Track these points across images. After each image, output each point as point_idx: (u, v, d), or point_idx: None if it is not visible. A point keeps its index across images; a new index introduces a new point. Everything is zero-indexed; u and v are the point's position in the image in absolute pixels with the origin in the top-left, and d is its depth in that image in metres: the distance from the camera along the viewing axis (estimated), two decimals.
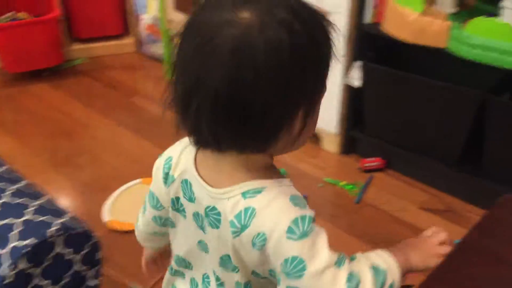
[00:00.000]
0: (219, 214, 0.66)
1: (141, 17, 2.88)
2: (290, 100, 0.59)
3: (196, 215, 0.70)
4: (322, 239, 0.62)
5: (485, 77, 1.60)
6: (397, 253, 0.69)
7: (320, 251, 0.61)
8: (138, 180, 1.87)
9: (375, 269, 0.64)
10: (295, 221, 0.61)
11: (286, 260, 0.61)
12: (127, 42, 3.02)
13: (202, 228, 0.70)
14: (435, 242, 0.72)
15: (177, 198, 0.72)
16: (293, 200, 0.63)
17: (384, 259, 0.66)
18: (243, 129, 0.59)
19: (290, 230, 0.60)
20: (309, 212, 0.63)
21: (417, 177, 1.89)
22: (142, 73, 2.88)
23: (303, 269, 0.60)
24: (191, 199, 0.70)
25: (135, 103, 2.51)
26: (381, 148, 1.96)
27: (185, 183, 0.70)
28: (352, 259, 0.66)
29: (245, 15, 0.57)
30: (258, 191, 0.63)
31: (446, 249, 0.71)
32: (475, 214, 1.69)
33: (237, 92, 0.57)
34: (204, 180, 0.67)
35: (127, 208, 1.75)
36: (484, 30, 1.46)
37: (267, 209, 0.62)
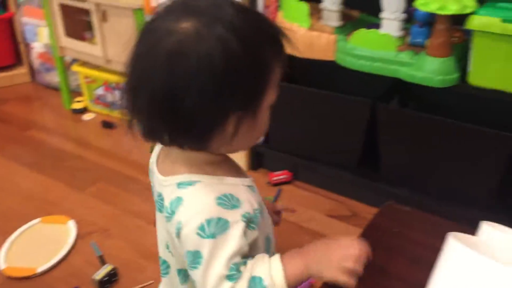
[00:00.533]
0: (162, 199, 0.72)
1: (32, 46, 2.74)
2: (220, 106, 0.64)
3: (156, 201, 0.77)
4: (227, 247, 0.66)
5: (376, 84, 1.68)
6: (296, 259, 0.69)
7: (219, 257, 0.66)
8: (37, 220, 1.75)
9: (253, 281, 0.67)
10: (209, 221, 0.65)
11: (189, 252, 0.67)
12: (20, 72, 2.86)
13: (158, 213, 0.77)
14: (345, 254, 0.68)
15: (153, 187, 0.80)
16: (220, 199, 0.67)
17: (271, 273, 0.67)
18: (177, 127, 0.65)
19: (201, 227, 0.65)
20: (230, 217, 0.67)
21: (322, 185, 1.94)
22: (39, 103, 2.73)
23: (200, 263, 0.66)
24: (153, 187, 0.79)
25: (32, 136, 2.37)
26: (287, 161, 1.99)
27: (151, 173, 0.79)
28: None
29: (186, 25, 0.63)
30: (190, 184, 0.69)
31: (352, 265, 0.67)
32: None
33: (169, 94, 0.62)
34: (157, 169, 0.75)
35: (26, 252, 1.63)
36: (367, 41, 1.54)
37: (191, 201, 0.68)
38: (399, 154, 1.70)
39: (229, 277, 0.66)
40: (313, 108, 1.80)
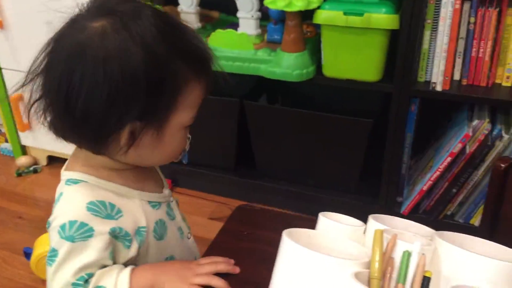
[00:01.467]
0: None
1: None
2: (112, 113, 0.61)
3: None
4: (83, 256, 0.65)
5: (245, 84, 1.70)
6: (148, 271, 0.69)
7: (71, 263, 0.65)
8: None
9: None
10: (72, 223, 0.65)
11: (51, 247, 0.66)
12: None
13: None
14: (196, 272, 0.70)
15: None
16: (93, 205, 0.66)
17: (117, 284, 0.66)
18: (71, 126, 0.64)
19: (63, 227, 0.65)
20: (98, 226, 0.65)
21: (204, 189, 1.93)
22: None
23: (54, 261, 0.65)
24: None
25: None
26: (165, 168, 1.94)
27: None
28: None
29: (97, 25, 0.61)
30: (75, 182, 0.69)
31: (201, 281, 0.69)
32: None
33: (65, 92, 0.60)
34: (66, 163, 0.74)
35: None
36: (225, 41, 1.55)
37: (66, 199, 0.68)
38: (272, 150, 1.74)
39: (75, 286, 0.65)
40: None
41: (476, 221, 1.55)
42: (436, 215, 1.59)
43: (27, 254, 1.51)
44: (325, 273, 0.56)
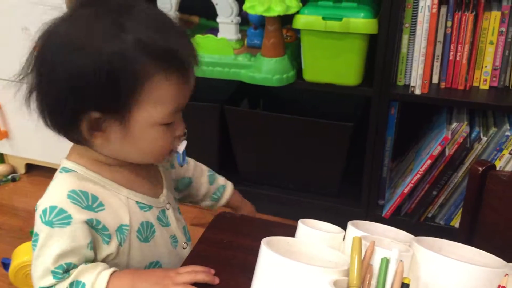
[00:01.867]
0: None
1: None
2: (69, 100, 0.63)
3: None
4: (60, 242, 0.66)
5: (225, 89, 1.69)
6: (127, 275, 0.69)
7: (49, 249, 0.67)
8: None
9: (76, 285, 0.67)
10: (52, 208, 0.67)
11: (32, 231, 0.69)
12: None
13: None
14: (174, 281, 0.69)
15: None
16: (74, 193, 0.68)
17: (95, 282, 0.67)
18: (46, 112, 0.66)
19: (44, 211, 0.67)
20: (76, 214, 0.67)
21: None
22: None
23: (36, 246, 0.68)
24: None
25: None
26: None
27: None
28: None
29: (81, 12, 0.65)
30: (66, 170, 0.72)
31: (184, 279, 0.69)
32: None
33: (38, 79, 0.65)
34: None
35: None
36: (205, 46, 1.53)
37: (53, 185, 0.71)
38: (254, 154, 1.73)
39: (54, 274, 0.67)
40: None
41: (456, 223, 1.56)
42: (417, 218, 1.60)
43: (5, 265, 1.48)
44: (304, 282, 0.56)
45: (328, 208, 1.69)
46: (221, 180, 1.02)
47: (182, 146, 0.74)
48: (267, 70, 1.46)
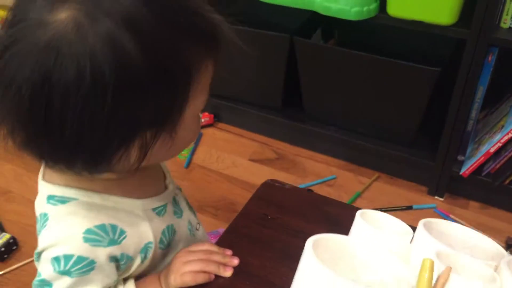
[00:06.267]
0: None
1: None
2: (112, 129, 0.47)
3: None
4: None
5: (296, 16, 1.52)
6: (152, 280, 0.63)
7: None
8: None
9: None
10: (68, 257, 0.54)
11: (40, 276, 0.55)
12: None
13: None
14: (181, 260, 0.63)
15: None
16: (90, 233, 0.54)
17: None
18: (58, 147, 0.48)
19: (57, 259, 0.54)
20: (99, 257, 0.55)
21: (246, 127, 1.82)
22: None
23: None
24: None
25: None
26: (207, 102, 1.83)
27: None
28: None
29: (64, 16, 0.44)
30: (62, 201, 0.56)
31: (192, 267, 0.62)
32: (302, 156, 1.67)
33: (41, 104, 0.44)
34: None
35: None
36: None
37: (56, 226, 0.55)
38: (322, 92, 1.58)
39: None
40: (231, 47, 1.63)
41: None
42: (502, 180, 1.41)
43: None
44: None
45: (399, 159, 1.54)
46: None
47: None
48: (345, 0, 1.27)
